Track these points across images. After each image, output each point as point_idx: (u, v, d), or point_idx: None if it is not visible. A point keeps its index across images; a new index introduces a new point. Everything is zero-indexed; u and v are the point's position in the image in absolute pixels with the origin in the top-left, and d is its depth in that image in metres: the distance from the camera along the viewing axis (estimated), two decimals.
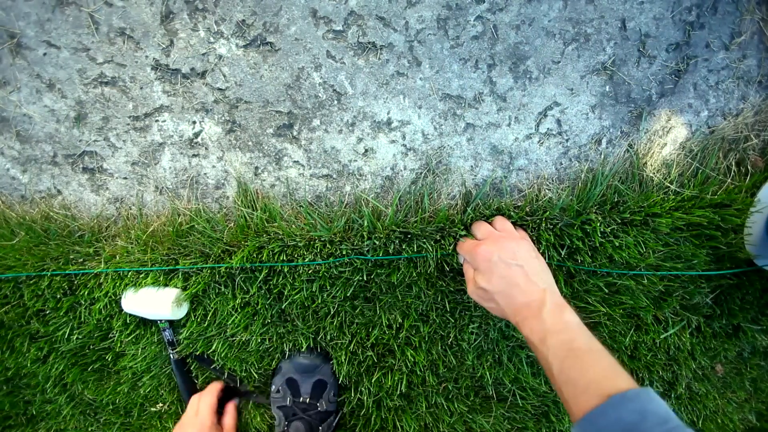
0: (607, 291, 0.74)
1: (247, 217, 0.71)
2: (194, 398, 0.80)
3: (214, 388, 0.81)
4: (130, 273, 0.73)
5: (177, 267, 0.72)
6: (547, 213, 0.70)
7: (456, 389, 0.84)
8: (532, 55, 0.66)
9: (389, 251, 0.69)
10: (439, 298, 0.74)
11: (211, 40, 0.64)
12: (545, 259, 0.70)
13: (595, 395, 0.42)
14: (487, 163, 0.71)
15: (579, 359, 0.47)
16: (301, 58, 0.65)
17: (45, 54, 0.64)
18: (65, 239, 0.74)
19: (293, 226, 0.71)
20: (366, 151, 0.70)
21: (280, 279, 0.72)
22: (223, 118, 0.68)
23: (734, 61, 0.69)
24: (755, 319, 0.82)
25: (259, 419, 0.89)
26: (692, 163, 0.72)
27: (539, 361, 0.52)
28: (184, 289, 0.73)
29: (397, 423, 0.84)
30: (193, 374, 0.84)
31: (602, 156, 0.72)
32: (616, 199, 0.71)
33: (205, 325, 0.76)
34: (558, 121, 0.70)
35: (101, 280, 0.74)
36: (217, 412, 0.79)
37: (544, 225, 0.70)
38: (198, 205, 0.73)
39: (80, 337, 0.78)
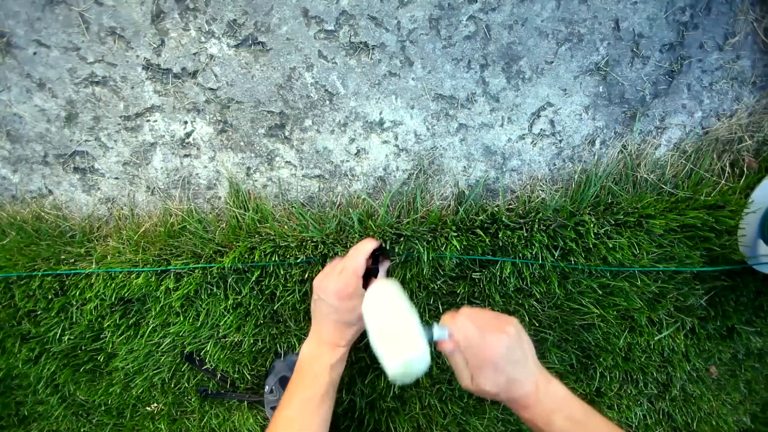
0: (600, 292, 0.73)
1: (239, 218, 0.71)
2: (338, 259, 0.67)
3: (364, 248, 0.63)
4: (121, 273, 0.72)
5: (169, 267, 0.72)
6: (540, 214, 0.69)
7: (449, 391, 0.83)
8: (525, 56, 0.66)
9: None
10: (431, 300, 0.74)
11: (203, 39, 0.64)
12: (539, 260, 0.70)
13: None
14: (480, 163, 0.71)
15: (583, 429, 0.53)
16: (293, 58, 0.65)
17: (35, 53, 0.64)
18: (56, 239, 0.73)
19: (285, 226, 0.71)
20: (358, 151, 0.70)
21: (273, 280, 0.72)
22: (214, 118, 0.68)
23: (728, 62, 0.69)
24: (749, 321, 0.82)
25: (251, 420, 0.88)
26: (686, 164, 0.72)
27: None
28: (176, 290, 0.73)
29: (391, 425, 0.83)
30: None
31: (596, 157, 0.72)
32: (609, 200, 0.71)
33: (198, 325, 0.76)
34: (551, 122, 0.70)
35: (92, 281, 0.73)
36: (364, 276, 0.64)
37: (537, 226, 0.69)
38: (190, 205, 0.73)
39: (72, 337, 0.78)
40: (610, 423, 0.54)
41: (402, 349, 0.51)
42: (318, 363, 0.62)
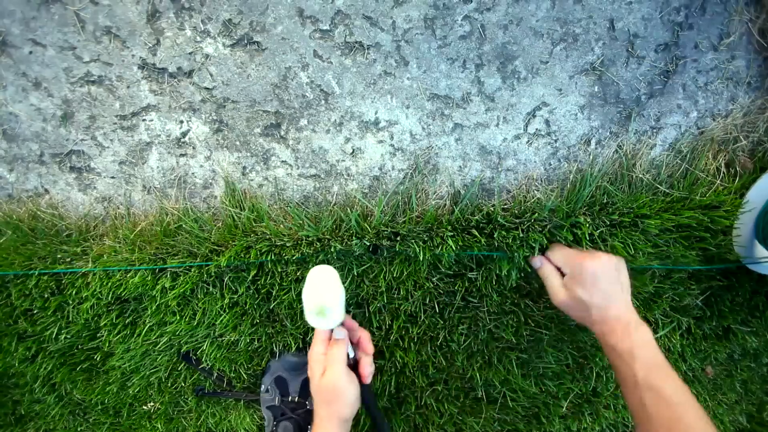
0: None
1: (235, 217, 0.71)
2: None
3: (318, 338, 0.62)
4: (117, 272, 0.72)
5: (165, 266, 0.72)
6: (536, 214, 0.69)
7: (446, 390, 0.84)
8: (520, 55, 0.66)
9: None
10: (427, 300, 0.74)
11: (198, 39, 0.64)
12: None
13: (681, 411, 0.54)
14: (475, 163, 0.71)
15: (662, 372, 0.56)
16: (288, 58, 0.65)
17: (31, 52, 0.64)
18: (53, 238, 0.73)
19: (281, 225, 0.71)
20: (354, 151, 0.70)
21: (269, 279, 0.72)
22: (210, 117, 0.68)
23: (723, 62, 0.69)
24: (745, 321, 0.82)
25: (248, 420, 0.88)
26: (681, 164, 0.72)
27: (617, 366, 0.59)
28: (172, 289, 0.73)
29: None
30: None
31: (591, 157, 0.72)
32: (605, 200, 0.71)
33: (194, 324, 0.76)
34: (547, 122, 0.70)
35: (89, 280, 0.73)
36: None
37: (533, 226, 0.69)
38: (186, 204, 0.73)
39: (68, 336, 0.78)
40: (683, 384, 0.56)
41: (320, 297, 0.59)
42: None
